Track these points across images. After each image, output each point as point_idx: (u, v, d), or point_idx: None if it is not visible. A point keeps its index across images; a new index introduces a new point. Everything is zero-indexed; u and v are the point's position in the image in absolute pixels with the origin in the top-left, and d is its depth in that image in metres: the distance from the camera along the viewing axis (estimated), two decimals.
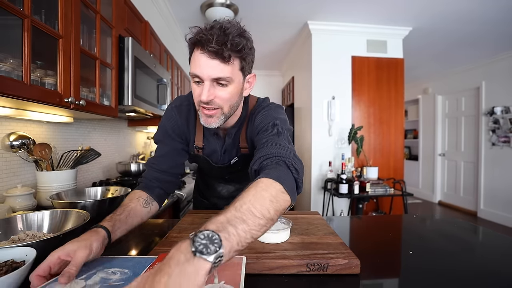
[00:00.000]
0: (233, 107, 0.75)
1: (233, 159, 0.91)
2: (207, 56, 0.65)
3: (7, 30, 0.90)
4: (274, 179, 0.53)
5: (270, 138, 0.71)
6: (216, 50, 0.63)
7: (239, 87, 0.73)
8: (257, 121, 0.81)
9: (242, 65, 0.70)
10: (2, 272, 0.47)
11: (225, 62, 0.66)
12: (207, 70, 0.66)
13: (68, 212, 0.76)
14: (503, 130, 3.80)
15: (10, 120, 1.13)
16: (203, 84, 0.68)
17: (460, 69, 4.43)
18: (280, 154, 0.62)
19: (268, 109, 0.83)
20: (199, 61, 0.66)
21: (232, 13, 2.58)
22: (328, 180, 2.84)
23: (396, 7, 2.60)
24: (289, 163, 0.60)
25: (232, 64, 0.67)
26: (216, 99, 0.70)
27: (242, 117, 0.87)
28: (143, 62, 1.60)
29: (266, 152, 0.64)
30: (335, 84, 3.07)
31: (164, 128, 0.88)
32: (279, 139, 0.70)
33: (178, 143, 0.88)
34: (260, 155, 0.64)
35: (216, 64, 0.65)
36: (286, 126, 0.78)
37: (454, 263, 0.62)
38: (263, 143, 0.70)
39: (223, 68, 0.66)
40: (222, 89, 0.69)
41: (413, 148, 5.81)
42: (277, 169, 0.57)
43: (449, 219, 1.00)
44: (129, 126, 2.32)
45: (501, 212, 3.85)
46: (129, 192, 1.12)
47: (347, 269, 0.54)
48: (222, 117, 0.74)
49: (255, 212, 0.46)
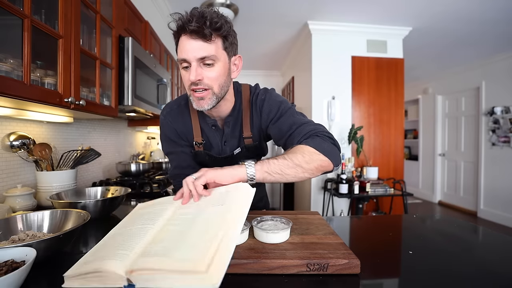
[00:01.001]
0: (223, 87, 0.77)
1: (236, 149, 0.91)
2: (190, 38, 0.69)
3: (7, 30, 0.90)
4: (312, 146, 0.71)
5: (293, 120, 0.80)
6: (196, 29, 0.67)
7: (225, 67, 0.76)
8: (265, 111, 0.85)
9: (225, 45, 0.74)
10: (2, 272, 0.47)
11: (207, 41, 0.69)
12: (192, 52, 0.70)
13: (68, 212, 0.76)
14: (503, 130, 3.80)
15: (10, 120, 1.13)
16: (191, 67, 0.71)
17: (460, 69, 4.43)
18: (313, 129, 0.76)
19: (269, 96, 0.87)
20: (184, 45, 0.70)
21: (232, 13, 2.58)
22: (328, 180, 2.84)
23: (396, 7, 2.60)
24: (324, 136, 0.75)
25: (214, 42, 0.71)
26: (205, 79, 0.73)
27: (238, 105, 0.88)
28: (143, 62, 1.60)
29: (300, 134, 0.76)
30: (335, 84, 3.07)
31: (166, 137, 0.92)
32: (300, 119, 0.81)
33: (185, 147, 0.92)
34: (296, 139, 0.76)
35: (200, 44, 0.69)
36: (292, 105, 0.87)
37: (454, 263, 0.62)
38: (289, 128, 0.79)
39: (206, 47, 0.70)
40: (209, 69, 0.72)
41: (413, 148, 5.81)
42: (316, 141, 0.73)
43: (449, 219, 1.00)
44: (129, 126, 2.32)
45: (501, 212, 3.85)
46: (129, 192, 1.12)
47: (347, 269, 0.54)
48: (213, 98, 0.76)
49: (287, 158, 0.69)
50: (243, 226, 0.66)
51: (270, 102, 0.85)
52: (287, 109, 0.83)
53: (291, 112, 0.82)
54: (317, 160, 0.70)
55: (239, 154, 0.92)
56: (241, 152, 0.92)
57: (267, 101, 0.85)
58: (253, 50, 3.77)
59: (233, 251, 0.45)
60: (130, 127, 2.34)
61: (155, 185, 1.70)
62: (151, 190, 1.64)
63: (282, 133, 0.81)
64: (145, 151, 2.73)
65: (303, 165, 0.68)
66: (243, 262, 0.54)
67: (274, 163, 0.68)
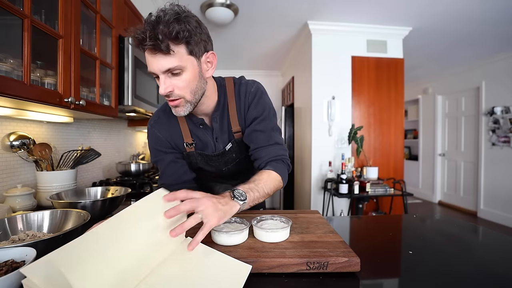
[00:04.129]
0: (196, 92, 0.75)
1: (227, 145, 0.91)
2: (150, 53, 0.67)
3: (7, 30, 0.90)
4: (278, 173, 0.83)
5: (269, 136, 0.87)
6: (152, 46, 0.64)
7: (195, 72, 0.72)
8: (252, 107, 0.88)
9: (190, 49, 0.69)
10: (2, 272, 0.47)
11: (166, 54, 0.66)
12: (156, 65, 0.68)
13: (68, 212, 0.76)
14: (503, 130, 3.80)
15: (10, 120, 1.13)
16: (160, 79, 0.70)
17: (460, 69, 4.43)
18: (280, 154, 0.87)
19: (260, 95, 0.89)
20: (147, 59, 0.69)
21: (232, 13, 2.58)
22: (328, 180, 2.84)
23: (396, 7, 2.60)
24: (286, 162, 0.88)
25: (175, 53, 0.66)
26: (175, 90, 0.72)
27: (222, 100, 0.88)
28: (143, 62, 1.60)
29: (271, 154, 0.86)
30: (335, 84, 3.07)
31: (152, 147, 0.93)
32: (276, 136, 0.89)
33: (170, 155, 0.92)
34: (267, 157, 0.85)
35: (160, 57, 0.66)
36: (275, 115, 0.92)
37: (454, 263, 0.62)
38: (264, 142, 0.87)
39: (168, 60, 0.67)
40: (177, 78, 0.70)
41: (413, 148, 5.81)
42: (280, 166, 0.85)
43: (449, 219, 1.00)
44: (129, 126, 2.32)
45: (501, 212, 3.84)
46: (129, 192, 1.12)
47: (347, 267, 0.54)
48: (188, 105, 0.76)
49: (265, 189, 0.75)
50: (242, 226, 0.66)
51: (259, 101, 0.88)
52: (271, 120, 0.89)
53: (273, 126, 0.89)
54: (278, 186, 0.83)
55: (231, 149, 0.92)
56: (232, 147, 0.92)
57: (257, 100, 0.88)
58: (253, 50, 3.77)
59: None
60: (130, 127, 2.34)
61: (155, 185, 1.70)
62: (151, 190, 1.64)
63: (258, 142, 0.87)
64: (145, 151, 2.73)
65: (270, 192, 0.78)
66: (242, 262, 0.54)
67: (256, 196, 0.72)
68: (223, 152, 0.92)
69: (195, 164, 0.96)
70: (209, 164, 0.95)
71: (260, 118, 0.87)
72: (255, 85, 0.90)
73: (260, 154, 0.86)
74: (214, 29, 2.94)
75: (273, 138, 0.87)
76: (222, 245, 0.61)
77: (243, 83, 0.89)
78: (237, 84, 0.89)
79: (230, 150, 0.92)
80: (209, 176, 1.07)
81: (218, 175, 1.04)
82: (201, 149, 0.92)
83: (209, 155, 0.92)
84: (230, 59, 4.16)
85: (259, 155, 0.86)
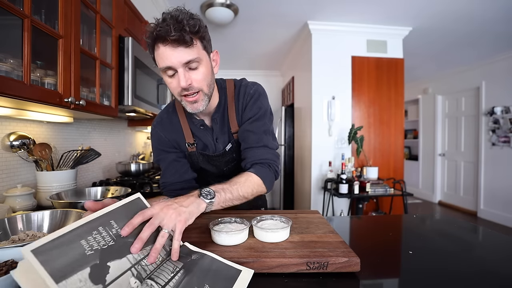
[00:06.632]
0: (211, 86, 0.79)
1: (227, 145, 0.93)
2: (171, 46, 0.68)
3: (7, 30, 0.90)
4: (260, 177, 0.81)
5: (259, 137, 0.86)
6: (177, 37, 0.67)
7: (208, 66, 0.77)
8: (248, 108, 0.88)
9: (204, 44, 0.75)
10: (2, 272, 0.47)
11: (189, 46, 0.69)
12: (176, 58, 0.69)
13: (68, 212, 0.76)
14: (503, 130, 3.80)
15: (10, 120, 1.13)
16: (177, 73, 0.72)
17: (460, 69, 4.43)
18: (267, 158, 0.85)
19: (257, 96, 0.89)
20: (166, 53, 0.69)
21: (232, 13, 2.58)
22: (328, 180, 2.84)
23: (396, 7, 2.60)
24: (272, 167, 0.85)
25: (195, 45, 0.71)
26: (194, 83, 0.74)
27: (223, 101, 0.90)
28: (143, 62, 1.60)
29: (257, 156, 0.84)
30: (335, 84, 3.07)
31: (155, 147, 0.95)
32: (267, 139, 0.87)
33: (172, 154, 0.94)
34: (253, 159, 0.84)
35: (182, 50, 0.69)
36: (270, 118, 0.91)
37: (454, 263, 0.62)
38: (253, 142, 0.85)
39: (189, 52, 0.70)
40: (195, 72, 0.73)
41: (413, 148, 5.81)
42: (263, 170, 0.82)
43: (449, 219, 1.00)
44: (129, 126, 2.32)
45: (501, 212, 3.84)
46: (129, 192, 1.12)
47: (347, 267, 0.54)
48: (205, 98, 0.79)
49: (240, 191, 0.74)
50: (242, 226, 0.66)
51: (255, 103, 0.88)
52: (264, 120, 0.88)
53: (266, 128, 0.88)
54: (259, 191, 0.81)
55: (231, 149, 0.93)
56: (232, 147, 0.93)
57: (254, 101, 0.88)
58: (253, 50, 3.77)
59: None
60: (130, 127, 2.34)
61: (155, 185, 1.70)
62: (151, 190, 1.64)
63: (248, 142, 0.87)
64: (145, 151, 2.73)
65: (247, 196, 0.77)
66: (242, 262, 0.54)
67: (229, 198, 0.72)
68: (223, 153, 0.93)
69: (196, 164, 0.97)
70: (210, 164, 0.97)
71: (253, 118, 0.88)
72: (255, 87, 0.91)
73: (247, 155, 0.86)
74: (214, 29, 2.94)
75: (263, 141, 0.86)
76: (222, 245, 0.61)
77: (243, 85, 0.91)
78: (237, 86, 0.91)
79: (230, 150, 0.93)
80: (210, 175, 1.07)
81: (220, 174, 1.05)
82: (202, 149, 0.94)
83: (210, 155, 0.94)
84: (230, 59, 4.16)
85: (246, 155, 0.87)
